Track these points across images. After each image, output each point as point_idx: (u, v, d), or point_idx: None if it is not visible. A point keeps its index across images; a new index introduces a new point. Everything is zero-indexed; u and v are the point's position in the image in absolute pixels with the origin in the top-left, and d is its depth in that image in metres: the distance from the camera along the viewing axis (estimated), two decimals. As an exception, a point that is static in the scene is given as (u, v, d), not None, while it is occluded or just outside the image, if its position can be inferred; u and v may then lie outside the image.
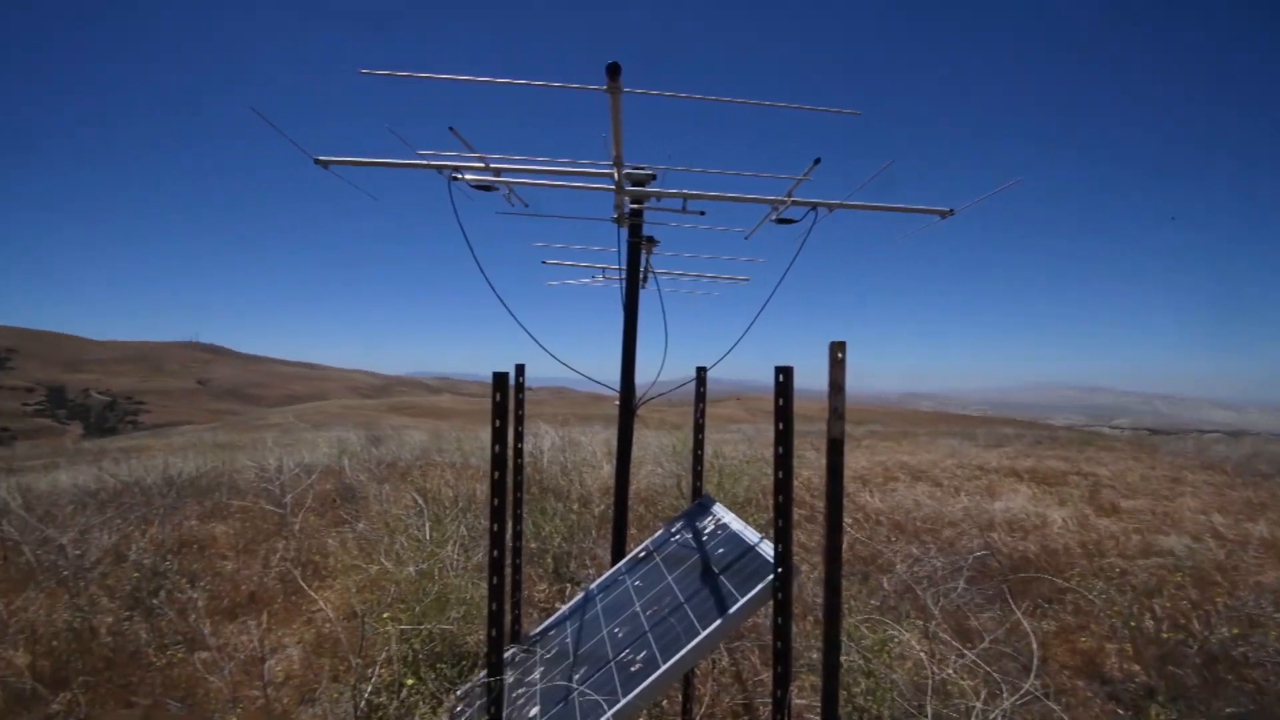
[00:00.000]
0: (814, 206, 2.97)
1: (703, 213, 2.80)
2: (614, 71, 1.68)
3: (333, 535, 4.97)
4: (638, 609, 2.25)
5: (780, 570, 1.86)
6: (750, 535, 2.18)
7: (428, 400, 71.59)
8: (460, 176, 2.73)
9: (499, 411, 1.67)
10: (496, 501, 1.69)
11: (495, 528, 1.70)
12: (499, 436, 1.66)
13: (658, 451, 7.85)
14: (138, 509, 4.95)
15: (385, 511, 5.24)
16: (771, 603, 1.89)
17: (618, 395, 3.10)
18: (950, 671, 2.70)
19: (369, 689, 2.35)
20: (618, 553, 2.87)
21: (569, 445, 7.52)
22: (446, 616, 2.69)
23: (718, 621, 1.87)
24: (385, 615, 2.53)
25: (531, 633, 2.66)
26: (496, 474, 1.67)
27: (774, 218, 3.01)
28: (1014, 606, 3.53)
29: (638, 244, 3.03)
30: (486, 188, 2.88)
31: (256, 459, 7.62)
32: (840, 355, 1.64)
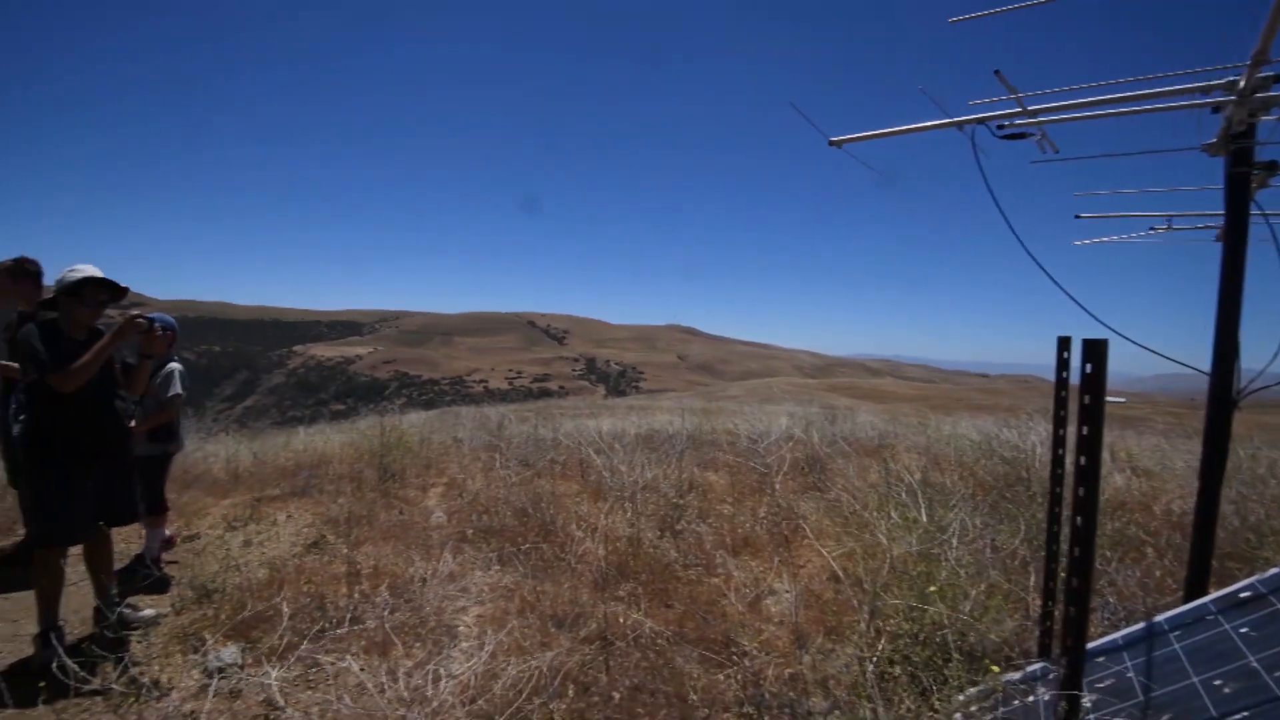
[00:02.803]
0: None
1: None
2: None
3: (805, 499, 5.26)
4: (1255, 666, 1.65)
5: None
6: None
7: (868, 382, 70.94)
8: (1009, 124, 2.42)
9: (1091, 386, 1.38)
10: (1083, 491, 1.41)
11: (1080, 521, 1.42)
12: (1090, 416, 1.37)
13: (1184, 470, 5.95)
14: (660, 453, 6.16)
15: (852, 485, 5.29)
16: None
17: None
18: None
19: (875, 656, 2.34)
20: (1196, 586, 2.19)
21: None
22: (957, 607, 2.49)
23: None
24: (932, 589, 2.47)
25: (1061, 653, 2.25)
26: (1084, 459, 1.39)
27: None
28: None
29: (1245, 175, 2.21)
30: (1018, 135, 2.50)
31: (736, 423, 8.67)
32: None
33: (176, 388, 4.29)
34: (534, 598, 3.43)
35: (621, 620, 3.08)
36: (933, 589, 2.47)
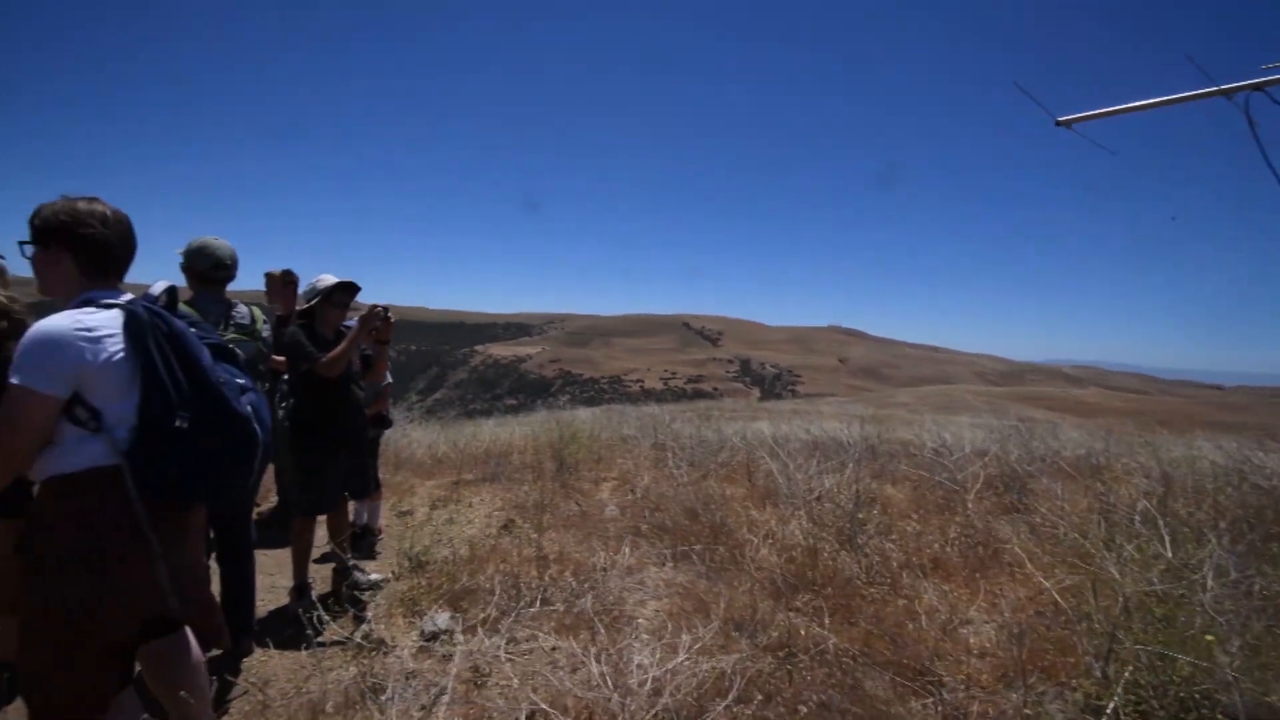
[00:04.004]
0: None
1: None
2: None
3: (1003, 522, 4.77)
4: None
5: None
6: None
7: (1067, 392, 62.57)
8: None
9: None
10: None
11: None
12: None
13: None
14: (831, 460, 5.92)
15: (1060, 508, 4.71)
16: None
17: None
18: None
19: (1111, 705, 2.05)
20: None
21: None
22: (1212, 659, 2.11)
23: None
24: (1207, 638, 2.14)
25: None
26: None
27: None
28: None
29: None
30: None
31: (918, 433, 8.10)
32: None
33: (389, 377, 4.89)
34: (710, 598, 3.44)
35: (803, 633, 3.00)
36: (1209, 638, 2.10)
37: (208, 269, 2.89)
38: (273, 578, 4.22)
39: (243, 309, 3.07)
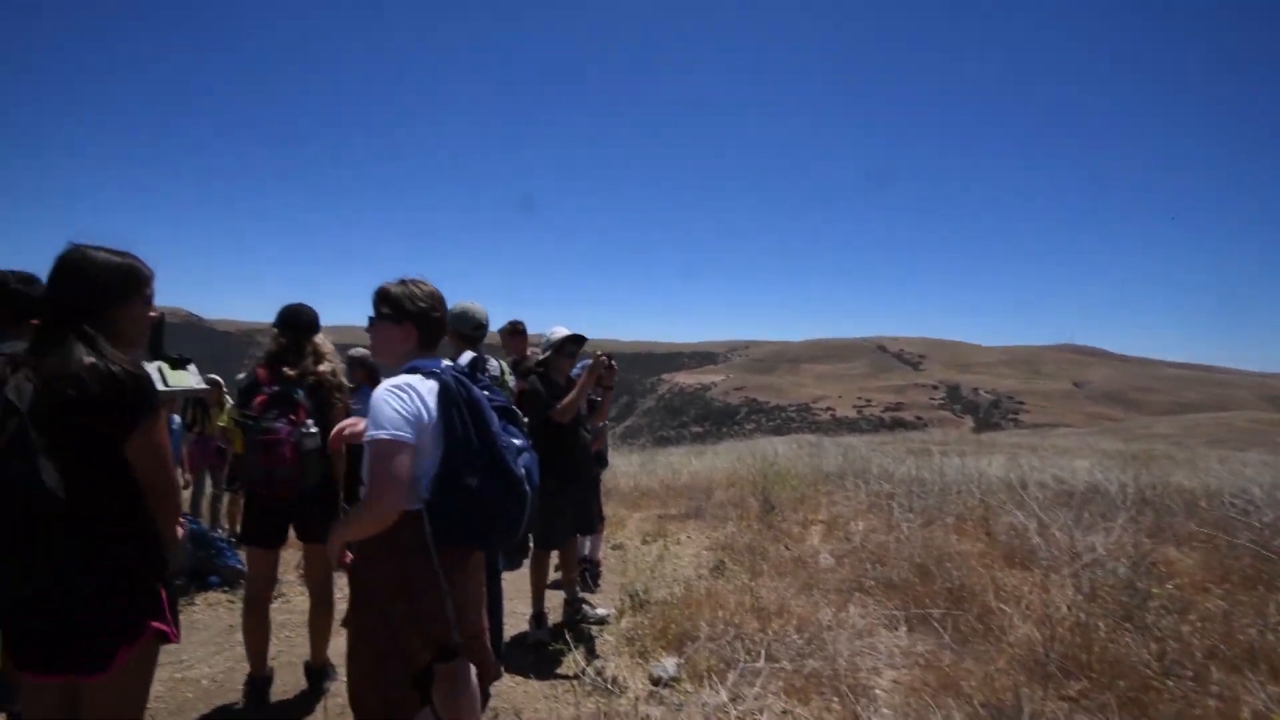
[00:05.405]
0: None
1: None
2: None
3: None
4: None
5: None
6: None
7: None
8: None
9: None
10: None
11: None
12: None
13: None
14: (1087, 510, 5.08)
15: None
16: None
17: None
18: None
19: None
20: None
21: None
22: None
23: None
24: None
25: None
26: None
27: None
28: None
29: None
30: None
31: (1194, 477, 6.69)
32: None
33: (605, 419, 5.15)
34: (958, 674, 3.08)
35: (1086, 730, 2.55)
36: None
37: (469, 330, 3.30)
38: (511, 603, 4.58)
39: (494, 362, 3.44)
